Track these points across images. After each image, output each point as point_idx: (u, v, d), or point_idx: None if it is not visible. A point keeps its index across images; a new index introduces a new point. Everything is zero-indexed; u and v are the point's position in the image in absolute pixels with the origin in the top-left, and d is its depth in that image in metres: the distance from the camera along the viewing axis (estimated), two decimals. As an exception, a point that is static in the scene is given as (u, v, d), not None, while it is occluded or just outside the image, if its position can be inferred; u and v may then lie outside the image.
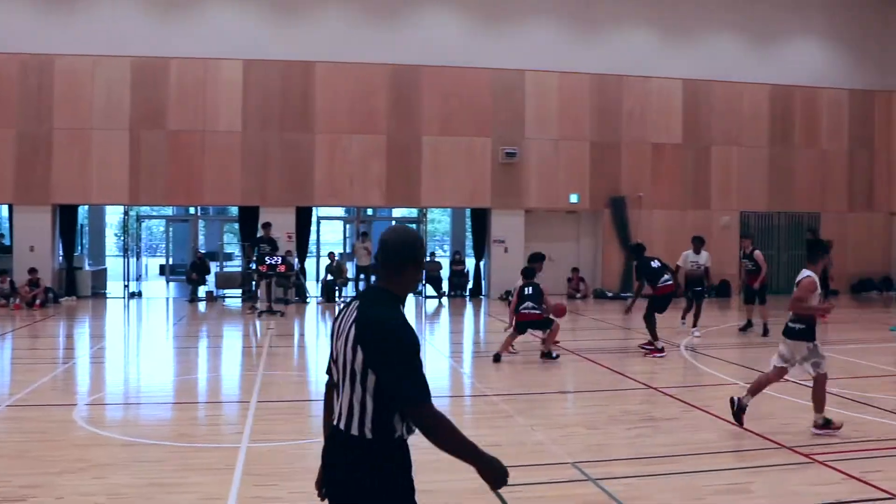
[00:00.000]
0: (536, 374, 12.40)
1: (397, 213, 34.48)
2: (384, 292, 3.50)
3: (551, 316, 13.31)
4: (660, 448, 7.89)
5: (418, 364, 3.33)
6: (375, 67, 23.64)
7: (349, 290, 24.57)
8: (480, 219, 25.23)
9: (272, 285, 20.28)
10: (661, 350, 13.58)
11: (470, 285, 25.42)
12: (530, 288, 13.34)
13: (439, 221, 47.56)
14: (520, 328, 13.38)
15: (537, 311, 13.17)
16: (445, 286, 25.09)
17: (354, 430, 3.39)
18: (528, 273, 13.67)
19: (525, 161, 24.59)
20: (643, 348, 13.86)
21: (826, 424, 8.16)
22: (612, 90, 25.20)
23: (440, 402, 10.24)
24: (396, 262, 3.52)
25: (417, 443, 8.40)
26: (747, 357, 13.90)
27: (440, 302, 24.00)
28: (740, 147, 26.25)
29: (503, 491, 6.44)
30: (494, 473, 3.54)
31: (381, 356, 3.32)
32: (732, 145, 26.18)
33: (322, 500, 3.70)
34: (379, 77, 23.73)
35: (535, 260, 14.01)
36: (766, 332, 16.10)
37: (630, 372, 12.16)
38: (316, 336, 17.81)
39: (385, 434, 3.40)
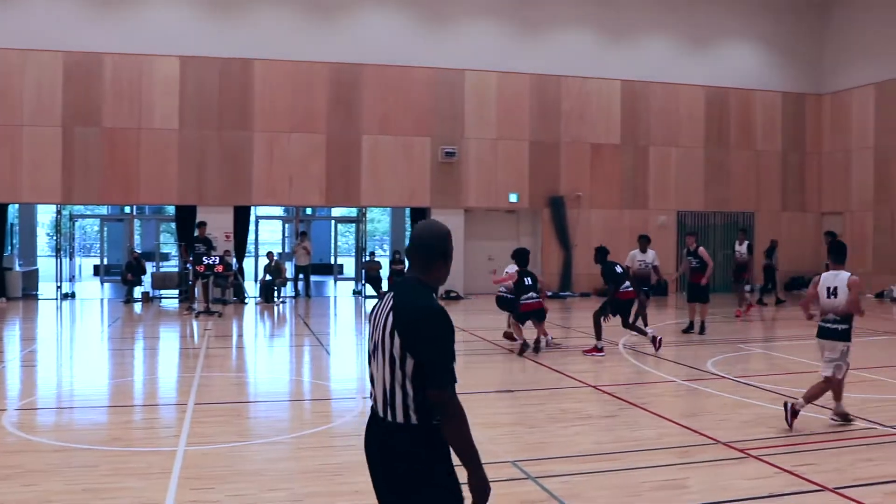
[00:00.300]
0: (475, 373, 12.42)
1: (336, 212, 34.31)
2: (418, 282, 3.66)
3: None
4: (598, 445, 7.96)
5: (452, 350, 3.48)
6: (315, 66, 23.49)
7: (288, 291, 24.38)
8: (420, 218, 25.17)
9: (210, 285, 20.05)
10: (601, 350, 13.69)
11: (410, 285, 25.34)
12: (529, 278, 13.65)
13: (379, 221, 47.49)
14: (522, 318, 13.72)
15: (539, 300, 13.66)
16: (385, 286, 25.02)
17: (399, 418, 3.49)
18: (523, 260, 13.90)
19: (464, 160, 24.65)
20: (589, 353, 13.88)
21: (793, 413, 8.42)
22: (551, 90, 25.38)
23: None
24: (428, 256, 3.71)
25: (356, 442, 8.35)
26: (684, 355, 14.09)
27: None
28: (677, 147, 26.65)
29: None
30: (483, 486, 3.53)
31: (418, 340, 3.43)
32: (670, 146, 26.57)
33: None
34: (318, 75, 23.58)
35: (525, 253, 14.22)
36: (702, 331, 16.29)
37: (569, 370, 12.25)
38: (255, 336, 17.64)
39: (427, 418, 3.49)
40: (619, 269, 14.30)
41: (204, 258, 19.63)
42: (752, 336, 16.91)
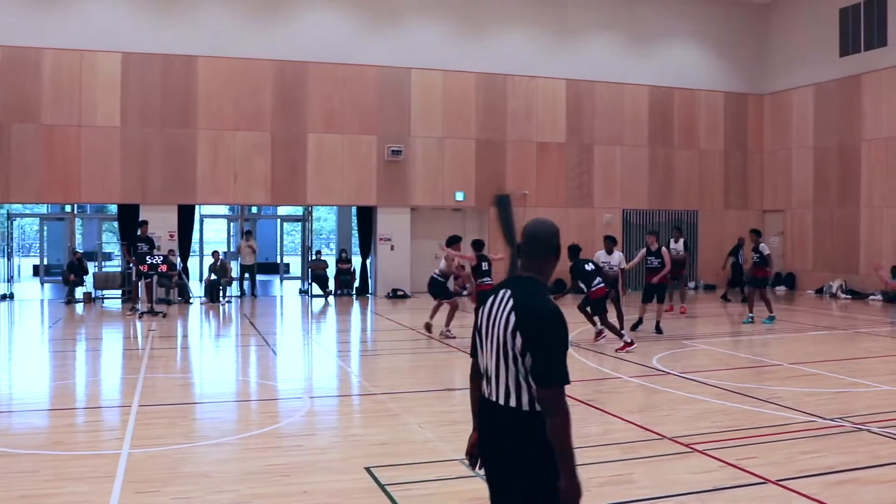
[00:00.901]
0: (424, 371, 12.43)
1: (282, 211, 34.08)
2: (533, 281, 3.78)
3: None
4: (546, 442, 7.99)
5: (565, 351, 3.63)
6: (259, 63, 23.29)
7: (233, 290, 24.14)
8: (366, 217, 25.16)
9: (153, 285, 19.78)
10: (630, 341, 13.91)
11: (356, 284, 25.30)
12: (486, 263, 14.68)
13: (325, 219, 47.26)
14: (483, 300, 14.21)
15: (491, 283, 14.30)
16: (332, 285, 24.91)
17: (525, 406, 3.63)
18: (480, 245, 14.51)
19: (411, 159, 24.63)
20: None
21: None
22: (497, 89, 25.47)
23: (327, 403, 10.20)
24: (542, 253, 3.84)
25: (303, 443, 8.30)
26: (634, 352, 14.24)
27: (326, 301, 23.81)
28: (622, 146, 26.92)
29: (391, 489, 6.45)
30: (574, 492, 3.60)
31: (539, 340, 3.57)
32: (615, 144, 26.82)
33: (474, 468, 4.07)
34: (263, 73, 23.37)
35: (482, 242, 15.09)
36: (659, 331, 15.99)
37: (516, 368, 12.29)
38: (200, 337, 17.43)
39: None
40: (589, 268, 14.35)
41: (147, 258, 19.36)
42: (696, 332, 17.12)
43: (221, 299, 22.52)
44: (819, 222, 26.46)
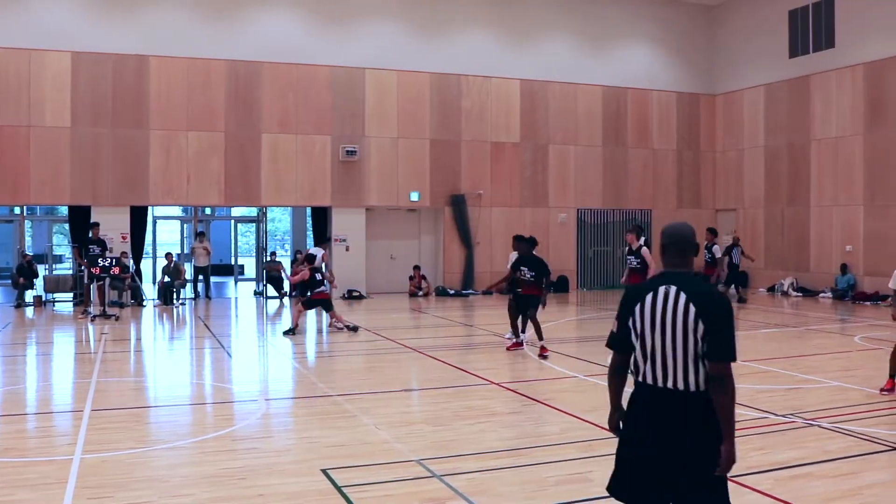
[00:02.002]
0: (380, 372, 12.41)
1: (236, 212, 33.82)
2: (688, 275, 4.27)
3: None
4: (503, 442, 8.02)
5: (735, 331, 4.12)
6: (212, 63, 23.08)
7: (187, 292, 23.89)
8: (321, 217, 25.05)
9: (106, 288, 19.51)
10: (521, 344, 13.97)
11: (312, 285, 25.15)
12: (319, 274, 15.31)
13: (280, 220, 47.00)
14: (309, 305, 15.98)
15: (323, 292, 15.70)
16: (287, 286, 24.76)
17: (701, 387, 4.07)
18: (312, 258, 14.73)
19: (365, 159, 24.57)
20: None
21: None
22: (451, 89, 25.51)
23: (283, 405, 10.14)
24: (687, 251, 4.34)
25: (259, 445, 8.24)
26: (585, 351, 14.34)
27: (282, 302, 23.66)
28: (576, 146, 27.10)
29: (348, 491, 6.43)
30: (733, 456, 4.04)
31: (721, 323, 4.05)
32: (569, 144, 26.99)
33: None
34: (216, 72, 23.16)
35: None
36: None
37: (472, 368, 12.33)
38: (154, 340, 17.22)
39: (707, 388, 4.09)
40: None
41: (99, 260, 19.09)
42: None
43: (175, 301, 22.28)
44: (770, 221, 26.86)
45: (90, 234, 20.73)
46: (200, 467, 7.14)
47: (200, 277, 24.24)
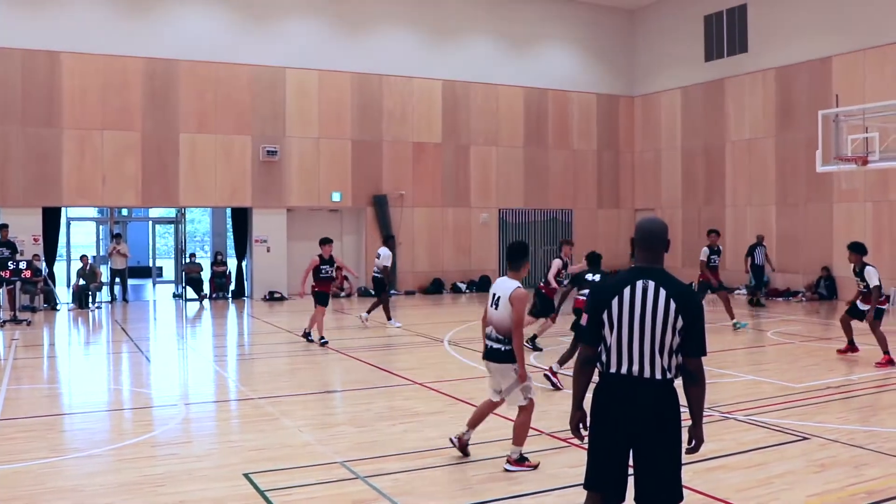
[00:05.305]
0: (302, 374, 12.30)
1: (154, 212, 33.15)
2: (663, 271, 4.45)
3: None
4: (427, 442, 8.02)
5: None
6: (128, 60, 22.55)
7: (104, 296, 23.32)
8: (241, 218, 24.71)
9: (16, 292, 18.94)
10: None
11: (232, 287, 24.83)
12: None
13: (199, 221, 46.21)
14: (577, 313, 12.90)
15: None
16: (206, 288, 24.38)
17: (659, 375, 4.32)
18: (595, 261, 12.91)
19: (286, 159, 24.33)
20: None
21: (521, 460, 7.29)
22: (373, 89, 25.42)
23: (203, 409, 9.97)
24: (662, 248, 4.51)
25: (179, 451, 8.08)
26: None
27: (201, 304, 23.28)
28: (498, 146, 27.26)
29: (271, 495, 6.35)
30: (702, 438, 4.56)
31: (696, 319, 4.35)
32: (490, 145, 27.15)
33: (582, 439, 4.65)
34: (132, 70, 22.64)
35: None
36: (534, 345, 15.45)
37: (395, 368, 12.31)
38: (68, 345, 16.76)
39: (674, 378, 4.38)
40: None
41: (9, 263, 18.52)
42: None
43: (91, 305, 21.73)
44: (688, 220, 27.41)
45: (-1, 236, 20.11)
46: (118, 475, 6.97)
47: (117, 280, 23.70)
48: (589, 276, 11.74)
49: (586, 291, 12.15)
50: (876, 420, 9.07)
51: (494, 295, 7.24)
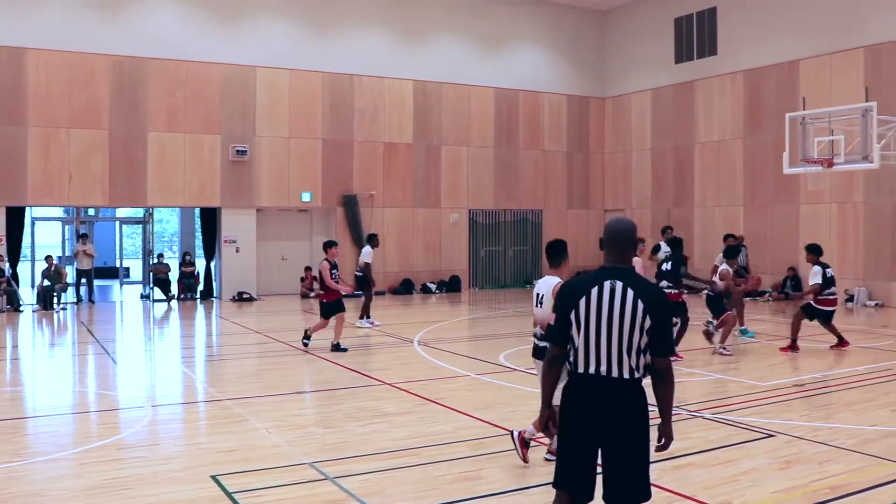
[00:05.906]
0: (270, 375, 12.23)
1: (121, 212, 32.84)
2: (631, 271, 4.46)
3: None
4: (396, 442, 7.99)
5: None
6: (95, 58, 22.31)
7: (69, 297, 23.06)
8: (210, 218, 24.52)
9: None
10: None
11: (201, 287, 24.66)
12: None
13: (167, 221, 45.87)
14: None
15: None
16: (175, 289, 24.19)
17: (626, 374, 4.35)
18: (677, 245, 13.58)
19: (256, 159, 24.19)
20: None
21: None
22: (344, 89, 25.34)
23: (171, 411, 9.88)
24: (630, 248, 4.56)
25: (146, 454, 8.01)
26: (477, 349, 14.43)
27: (169, 305, 23.09)
28: (469, 147, 27.28)
29: (239, 497, 6.30)
30: (671, 435, 4.54)
31: (664, 319, 4.39)
32: (461, 145, 27.16)
33: (552, 437, 4.74)
34: (99, 68, 22.39)
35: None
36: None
37: (364, 369, 12.27)
38: (32, 347, 16.55)
39: (641, 376, 4.41)
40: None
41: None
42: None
43: (56, 306, 21.47)
44: (658, 221, 27.52)
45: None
46: (83, 479, 6.88)
47: (83, 281, 23.46)
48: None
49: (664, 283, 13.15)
50: (839, 417, 9.17)
51: (538, 294, 7.37)
